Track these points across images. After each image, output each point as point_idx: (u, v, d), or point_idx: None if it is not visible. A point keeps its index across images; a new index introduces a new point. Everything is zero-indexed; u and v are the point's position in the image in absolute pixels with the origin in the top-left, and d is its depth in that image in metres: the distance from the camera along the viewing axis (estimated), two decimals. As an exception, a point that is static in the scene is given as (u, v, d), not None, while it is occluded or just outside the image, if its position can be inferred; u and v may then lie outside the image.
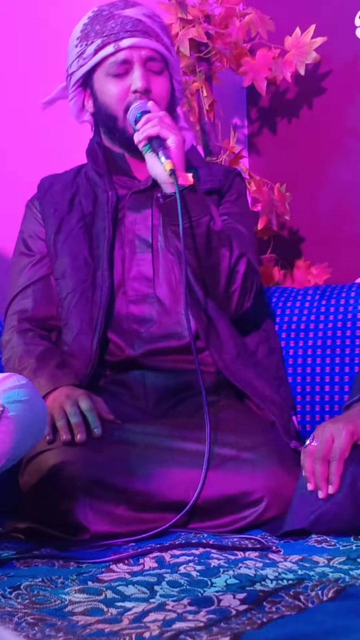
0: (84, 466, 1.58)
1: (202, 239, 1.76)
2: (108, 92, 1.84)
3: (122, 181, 1.90)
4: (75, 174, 1.95)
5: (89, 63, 1.84)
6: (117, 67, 1.83)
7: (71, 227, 1.87)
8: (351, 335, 1.98)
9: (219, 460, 1.61)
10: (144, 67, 1.82)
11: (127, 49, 1.82)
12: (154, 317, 1.82)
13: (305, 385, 1.98)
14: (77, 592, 1.19)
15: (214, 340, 1.80)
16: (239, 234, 1.85)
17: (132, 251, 1.85)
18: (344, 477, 1.48)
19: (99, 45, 1.83)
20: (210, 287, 1.81)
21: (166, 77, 1.86)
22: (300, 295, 2.10)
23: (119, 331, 1.83)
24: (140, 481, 1.58)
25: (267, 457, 1.61)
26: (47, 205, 1.91)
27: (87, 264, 1.84)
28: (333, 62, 2.43)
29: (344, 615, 1.03)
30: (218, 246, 1.78)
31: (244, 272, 1.80)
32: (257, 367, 1.84)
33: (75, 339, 1.82)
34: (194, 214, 1.75)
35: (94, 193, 1.90)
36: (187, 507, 1.55)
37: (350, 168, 2.41)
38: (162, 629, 1.02)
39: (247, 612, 1.08)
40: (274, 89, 2.52)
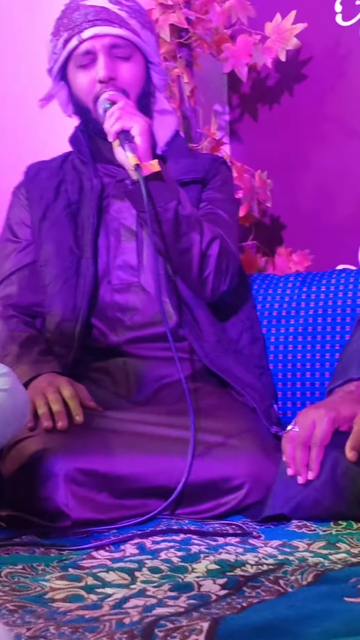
0: (65, 453, 1.58)
1: (170, 225, 1.76)
2: (78, 84, 1.85)
3: (107, 169, 1.89)
4: (62, 161, 1.94)
5: (60, 57, 1.85)
6: (82, 58, 1.83)
7: (56, 214, 1.87)
8: (332, 321, 1.99)
9: (200, 447, 1.61)
10: (108, 55, 1.82)
11: (89, 39, 1.82)
12: (138, 305, 1.82)
13: (286, 372, 1.98)
14: (58, 578, 1.20)
15: (194, 329, 1.80)
16: (217, 219, 1.85)
17: (117, 240, 1.85)
18: (325, 463, 1.49)
19: (65, 38, 1.83)
20: (184, 273, 1.80)
21: (135, 62, 1.85)
22: (282, 282, 2.10)
23: (103, 319, 1.83)
24: (122, 468, 1.58)
25: (248, 443, 1.61)
26: (34, 192, 1.91)
27: (71, 252, 1.84)
28: (314, 49, 2.42)
29: (323, 600, 1.04)
30: (188, 231, 1.78)
31: (217, 256, 1.80)
32: (237, 355, 1.84)
33: (58, 325, 1.82)
34: (159, 200, 1.75)
35: (80, 181, 1.90)
36: (175, 494, 1.55)
37: (331, 155, 2.41)
38: (142, 615, 1.02)
39: (227, 597, 1.08)
40: (254, 75, 2.52)
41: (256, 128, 2.57)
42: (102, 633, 0.97)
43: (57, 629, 0.99)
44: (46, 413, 1.64)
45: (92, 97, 1.82)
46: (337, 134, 2.40)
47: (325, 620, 0.96)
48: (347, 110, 2.38)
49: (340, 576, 1.13)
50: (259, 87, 2.55)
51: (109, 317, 1.83)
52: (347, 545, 1.31)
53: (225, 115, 2.62)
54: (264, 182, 2.39)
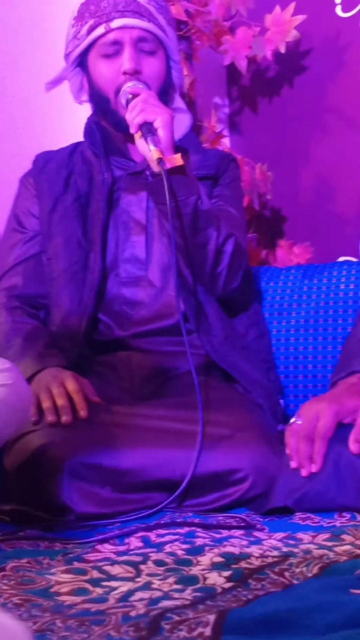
0: (69, 447, 1.58)
1: (189, 219, 1.76)
2: (100, 73, 1.84)
3: (119, 162, 1.89)
4: (71, 152, 1.94)
5: (83, 43, 1.84)
6: (108, 47, 1.82)
7: (66, 207, 1.87)
8: (334, 313, 1.99)
9: (204, 439, 1.61)
10: (135, 48, 1.81)
11: (117, 29, 1.81)
12: (145, 299, 1.83)
13: (288, 364, 1.98)
14: (63, 572, 1.20)
15: (202, 323, 1.80)
16: (229, 216, 1.85)
17: (126, 233, 1.85)
18: (328, 456, 1.49)
19: (91, 25, 1.82)
20: (198, 267, 1.80)
21: (159, 58, 1.84)
22: (283, 275, 2.10)
23: (110, 312, 1.83)
24: (126, 462, 1.58)
25: (252, 435, 1.61)
26: (42, 183, 1.90)
27: (80, 245, 1.84)
28: (313, 40, 2.42)
29: (328, 591, 1.04)
30: (205, 226, 1.78)
31: (231, 253, 1.80)
32: (245, 350, 1.84)
33: (64, 319, 1.82)
34: (180, 194, 1.75)
35: (90, 173, 1.89)
36: (181, 487, 1.54)
37: (331, 146, 2.41)
38: (148, 608, 1.02)
39: (233, 590, 1.08)
40: (254, 68, 2.51)
41: (256, 120, 2.56)
42: (108, 626, 0.97)
43: (63, 622, 0.99)
44: (50, 407, 1.64)
45: (115, 87, 1.81)
46: (337, 125, 2.39)
47: (331, 612, 0.96)
48: (347, 102, 2.38)
49: (346, 568, 1.14)
50: (259, 79, 2.55)
51: (116, 310, 1.83)
52: (351, 537, 1.31)
53: (225, 107, 2.62)
54: (264, 175, 2.39)
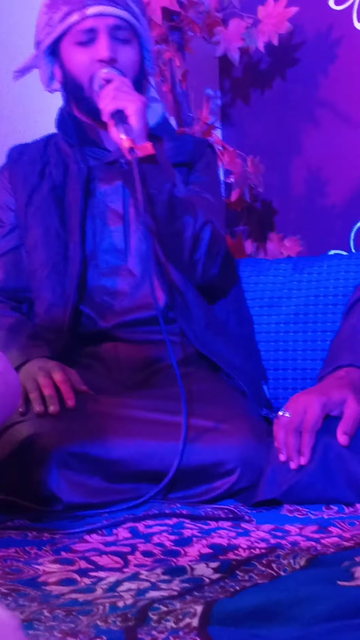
0: (57, 437, 1.58)
1: (164, 207, 1.76)
2: (74, 60, 1.83)
3: (93, 152, 1.88)
4: (45, 144, 1.93)
5: (56, 31, 1.82)
6: (83, 35, 1.81)
7: (42, 198, 1.86)
8: (323, 307, 1.99)
9: (192, 431, 1.61)
10: (110, 36, 1.81)
11: (92, 17, 1.80)
12: (126, 289, 1.82)
13: (277, 357, 1.99)
14: (51, 562, 1.20)
15: (183, 311, 1.80)
16: (206, 202, 1.85)
17: (104, 223, 1.85)
18: (316, 448, 1.49)
19: (65, 12, 1.81)
20: (175, 255, 1.80)
21: (134, 47, 1.84)
22: (273, 268, 2.10)
23: (92, 304, 1.82)
24: (114, 452, 1.58)
25: (241, 428, 1.61)
26: (17, 175, 1.89)
27: (58, 236, 1.83)
28: (306, 33, 2.42)
29: (315, 583, 1.04)
30: (181, 214, 1.77)
31: (209, 240, 1.80)
32: (227, 337, 1.84)
33: (48, 311, 1.81)
34: (154, 182, 1.74)
35: (65, 164, 1.88)
36: (166, 479, 1.55)
37: (323, 139, 2.41)
38: (135, 598, 1.02)
39: (220, 581, 1.08)
40: (246, 59, 2.51)
41: (248, 112, 2.56)
42: (95, 616, 0.97)
43: (50, 612, 0.99)
44: (38, 398, 1.64)
45: (89, 75, 1.81)
46: (329, 118, 2.39)
47: (319, 603, 0.96)
48: (339, 95, 2.38)
49: (333, 560, 1.14)
50: (251, 71, 2.54)
51: (97, 302, 1.82)
52: (339, 530, 1.32)
53: (217, 99, 2.62)
54: (256, 167, 2.39)
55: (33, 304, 1.86)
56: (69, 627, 0.94)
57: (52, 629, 0.94)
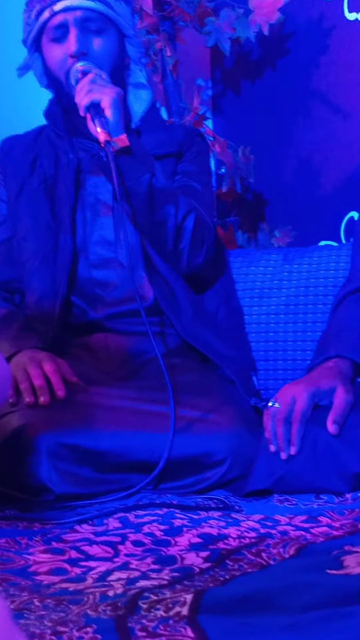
0: (47, 428, 1.58)
1: (144, 198, 1.75)
2: (50, 57, 1.83)
3: (82, 143, 1.88)
4: (37, 135, 1.93)
5: (34, 29, 1.83)
6: (55, 31, 1.81)
7: (33, 189, 1.86)
8: (314, 298, 2.00)
9: (182, 422, 1.61)
10: (80, 29, 1.80)
11: (61, 12, 1.80)
12: (116, 281, 1.82)
13: (268, 348, 1.99)
14: (41, 552, 1.20)
15: (171, 303, 1.80)
16: (192, 191, 1.85)
17: (94, 215, 1.85)
18: (305, 438, 1.50)
19: (38, 10, 1.81)
20: (160, 246, 1.80)
21: (109, 36, 1.82)
22: (263, 258, 2.10)
23: (82, 295, 1.83)
24: (104, 442, 1.59)
25: (230, 419, 1.62)
26: (9, 167, 1.89)
27: (49, 227, 1.83)
28: (297, 23, 2.41)
29: (304, 572, 1.05)
30: (162, 204, 1.77)
31: (192, 229, 1.80)
32: (215, 327, 1.84)
33: (38, 302, 1.81)
34: (133, 173, 1.74)
35: (56, 155, 1.88)
36: (157, 470, 1.55)
37: (313, 130, 2.41)
38: (125, 587, 1.03)
39: (210, 570, 1.09)
40: (238, 49, 2.50)
41: (239, 103, 2.56)
42: (86, 605, 0.97)
43: (41, 601, 1.00)
44: (28, 388, 1.64)
45: (64, 71, 1.80)
46: (320, 109, 2.39)
47: (308, 592, 0.97)
48: (330, 86, 2.37)
49: (322, 549, 1.15)
50: (243, 61, 2.54)
51: (88, 293, 1.82)
52: (328, 519, 1.32)
53: (208, 89, 2.61)
54: (246, 158, 2.38)
55: (24, 295, 1.86)
56: (59, 617, 0.94)
57: (42, 618, 0.94)
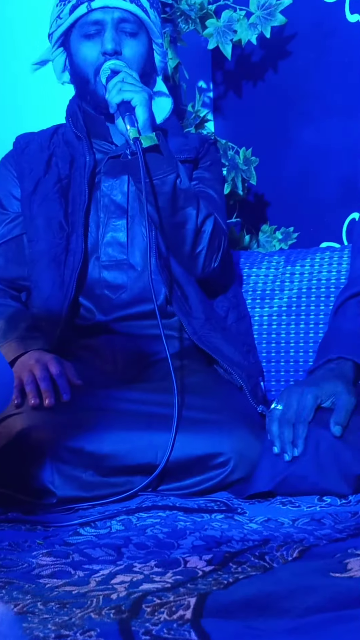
0: (51, 431, 1.58)
1: (168, 197, 1.76)
2: (80, 53, 1.83)
3: (100, 145, 1.89)
4: (52, 134, 1.93)
5: (65, 23, 1.83)
6: (89, 27, 1.82)
7: (47, 189, 1.86)
8: (316, 299, 2.00)
9: (186, 423, 1.61)
10: (116, 29, 1.81)
11: (99, 9, 1.80)
12: (126, 283, 1.83)
13: (270, 349, 1.99)
14: (44, 555, 1.20)
15: (183, 306, 1.80)
16: (209, 197, 1.86)
17: (107, 216, 1.85)
18: (309, 439, 1.50)
19: (73, 5, 1.82)
20: (177, 247, 1.80)
21: (140, 40, 1.84)
22: (266, 260, 2.11)
23: (91, 296, 1.83)
24: (108, 445, 1.59)
25: (234, 420, 1.62)
26: (24, 165, 1.90)
27: (61, 228, 1.84)
28: (298, 25, 2.41)
29: (308, 575, 1.05)
30: (184, 205, 1.78)
31: (211, 232, 1.80)
32: (226, 332, 1.85)
33: (46, 302, 1.82)
34: (158, 172, 1.74)
35: (71, 156, 1.89)
36: (156, 471, 1.55)
37: (315, 132, 2.41)
38: (129, 591, 1.02)
39: (213, 573, 1.09)
40: (239, 52, 2.51)
41: (240, 105, 2.56)
42: (89, 609, 0.97)
43: (44, 604, 1.00)
44: (33, 390, 1.64)
45: (95, 68, 1.81)
46: (321, 110, 2.39)
47: (311, 595, 0.96)
48: (331, 87, 2.38)
49: (326, 552, 1.15)
50: (244, 63, 2.54)
51: (97, 294, 1.83)
52: (331, 522, 1.32)
53: (210, 91, 2.61)
54: (248, 160, 2.39)
55: (31, 294, 1.86)
56: (62, 620, 0.94)
57: (46, 621, 0.94)
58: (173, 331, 1.81)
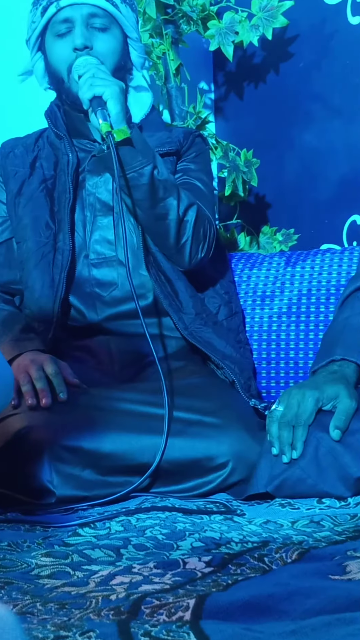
0: (49, 430, 1.58)
1: (146, 189, 1.75)
2: (54, 53, 1.84)
3: (82, 144, 1.89)
4: (37, 138, 1.94)
5: (38, 26, 1.85)
6: (60, 26, 1.83)
7: (32, 190, 1.87)
8: (316, 301, 2.00)
9: (182, 425, 1.61)
10: (85, 25, 1.81)
11: (67, 7, 1.82)
12: (116, 279, 1.82)
13: (270, 351, 1.99)
14: (44, 555, 1.20)
15: (173, 301, 1.80)
16: (194, 188, 1.85)
17: (94, 214, 1.85)
18: (308, 442, 1.50)
19: (44, 6, 1.83)
20: (161, 240, 1.80)
21: (113, 34, 1.84)
22: (266, 262, 2.10)
23: (81, 295, 1.83)
24: (107, 445, 1.59)
25: (232, 422, 1.62)
26: (8, 168, 1.90)
27: (48, 227, 1.84)
28: (300, 27, 2.41)
29: (307, 577, 1.05)
30: (164, 196, 1.77)
31: (194, 221, 1.80)
32: (217, 327, 1.84)
33: (37, 301, 1.82)
34: (134, 165, 1.74)
35: (55, 156, 1.89)
36: (148, 472, 1.56)
37: (316, 134, 2.41)
38: (128, 592, 1.02)
39: (213, 575, 1.09)
40: (240, 53, 2.51)
41: (242, 106, 2.56)
42: (88, 610, 0.97)
43: (43, 605, 0.99)
44: (30, 391, 1.64)
45: (67, 65, 1.81)
46: (322, 112, 2.39)
47: (310, 597, 0.96)
48: (333, 89, 2.38)
49: (325, 554, 1.14)
50: (245, 65, 2.54)
51: (88, 292, 1.82)
52: (330, 524, 1.32)
53: (211, 93, 2.61)
54: (249, 161, 2.39)
55: (23, 295, 1.86)
56: (61, 621, 0.94)
57: (44, 622, 0.94)
58: (169, 331, 1.81)
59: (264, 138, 2.49)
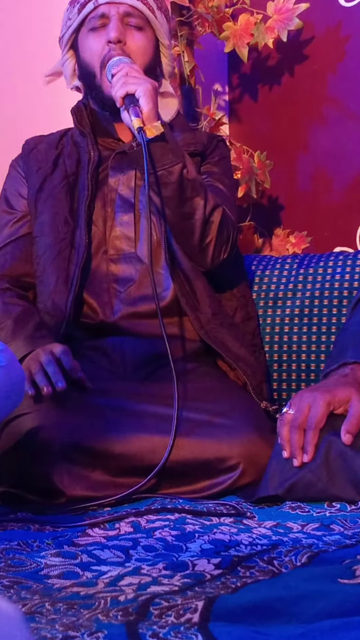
0: (60, 430, 1.58)
1: (175, 187, 1.76)
2: (87, 47, 1.86)
3: (107, 143, 1.90)
4: (61, 136, 1.96)
5: (74, 22, 1.86)
6: (95, 21, 1.85)
7: (53, 186, 1.88)
8: (328, 304, 1.99)
9: (192, 426, 1.61)
10: (121, 21, 1.83)
11: (105, 4, 1.83)
12: (134, 276, 1.83)
13: (282, 353, 1.99)
14: (53, 555, 1.20)
15: (190, 300, 1.80)
16: (218, 191, 1.86)
17: (115, 211, 1.86)
18: (319, 445, 1.49)
19: (81, 4, 1.85)
20: (186, 238, 1.80)
21: (146, 35, 1.85)
22: (279, 264, 2.10)
23: (97, 292, 1.83)
24: (118, 445, 1.59)
25: (244, 424, 1.61)
26: (31, 164, 1.91)
27: (66, 223, 1.85)
28: (315, 29, 2.41)
29: (316, 581, 1.04)
30: (192, 195, 1.77)
31: (220, 223, 1.80)
32: (232, 328, 1.84)
33: (50, 296, 1.82)
34: (165, 162, 1.74)
35: (78, 154, 1.90)
36: (154, 471, 1.55)
37: (330, 136, 2.40)
38: (137, 593, 1.02)
39: (222, 577, 1.09)
40: (255, 55, 2.50)
41: (256, 108, 2.56)
42: (97, 610, 0.97)
43: (52, 605, 0.99)
44: (43, 379, 1.64)
45: (100, 59, 1.82)
46: (337, 115, 2.39)
47: (319, 600, 0.96)
48: (347, 92, 2.37)
49: (334, 558, 1.14)
50: (260, 67, 2.54)
51: (104, 289, 1.83)
52: (340, 527, 1.32)
53: (225, 95, 2.61)
54: (262, 163, 2.38)
55: (37, 289, 1.87)
56: (70, 621, 0.94)
57: (53, 622, 0.94)
58: (185, 332, 1.81)
59: (278, 140, 2.49)
